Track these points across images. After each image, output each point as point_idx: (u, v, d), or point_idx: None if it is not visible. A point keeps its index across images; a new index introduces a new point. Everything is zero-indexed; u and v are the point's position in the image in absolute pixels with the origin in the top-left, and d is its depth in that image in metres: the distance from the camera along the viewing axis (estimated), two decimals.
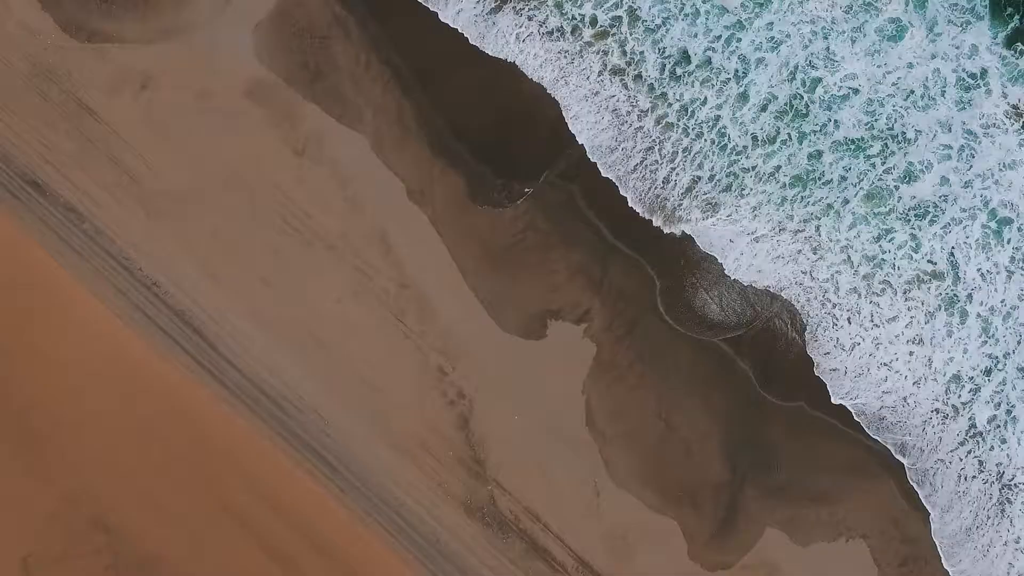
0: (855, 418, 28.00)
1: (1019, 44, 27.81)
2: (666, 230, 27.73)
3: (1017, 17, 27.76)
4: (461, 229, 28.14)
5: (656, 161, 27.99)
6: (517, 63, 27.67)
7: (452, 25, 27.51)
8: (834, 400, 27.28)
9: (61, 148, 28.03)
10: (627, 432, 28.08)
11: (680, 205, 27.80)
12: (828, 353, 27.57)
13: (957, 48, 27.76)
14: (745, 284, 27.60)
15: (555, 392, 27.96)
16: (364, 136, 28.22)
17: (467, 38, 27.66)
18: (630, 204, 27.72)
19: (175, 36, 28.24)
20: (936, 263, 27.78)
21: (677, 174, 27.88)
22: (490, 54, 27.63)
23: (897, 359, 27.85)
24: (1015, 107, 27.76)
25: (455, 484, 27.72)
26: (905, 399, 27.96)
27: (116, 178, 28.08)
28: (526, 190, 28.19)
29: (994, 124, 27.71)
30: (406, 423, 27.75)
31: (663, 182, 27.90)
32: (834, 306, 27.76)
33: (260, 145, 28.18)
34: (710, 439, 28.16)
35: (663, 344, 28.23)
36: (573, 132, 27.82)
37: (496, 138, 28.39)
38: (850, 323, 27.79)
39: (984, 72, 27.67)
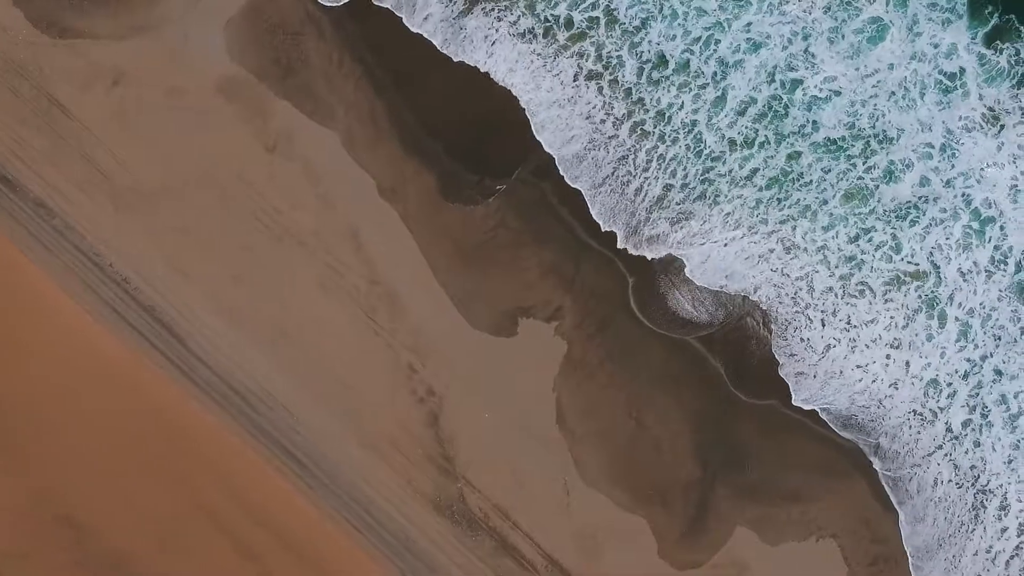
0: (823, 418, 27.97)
1: (998, 43, 27.67)
2: (633, 251, 27.53)
3: (996, 15, 27.63)
4: (433, 226, 28.10)
5: (629, 172, 27.79)
6: (486, 70, 27.40)
7: (418, 31, 27.31)
8: (795, 401, 27.17)
9: (32, 144, 27.99)
10: (597, 430, 28.03)
11: (648, 219, 27.61)
12: (795, 355, 27.47)
13: (936, 47, 27.64)
14: (714, 288, 27.46)
15: (525, 390, 27.93)
16: (336, 133, 28.17)
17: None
18: (596, 218, 27.47)
19: (147, 32, 28.18)
20: (917, 264, 27.68)
21: (649, 184, 27.72)
22: (457, 60, 27.45)
23: (874, 362, 27.73)
24: (991, 109, 27.66)
25: (424, 482, 27.69)
26: (880, 402, 27.87)
27: (87, 174, 28.03)
28: (498, 187, 28.15)
29: (975, 126, 27.58)
30: (376, 420, 27.72)
31: (634, 193, 27.72)
32: (807, 306, 27.68)
33: (231, 141, 28.13)
34: (681, 438, 28.11)
35: (634, 342, 28.19)
36: (540, 141, 27.48)
37: (469, 136, 28.35)
38: (824, 325, 27.69)
39: (962, 72, 27.53)
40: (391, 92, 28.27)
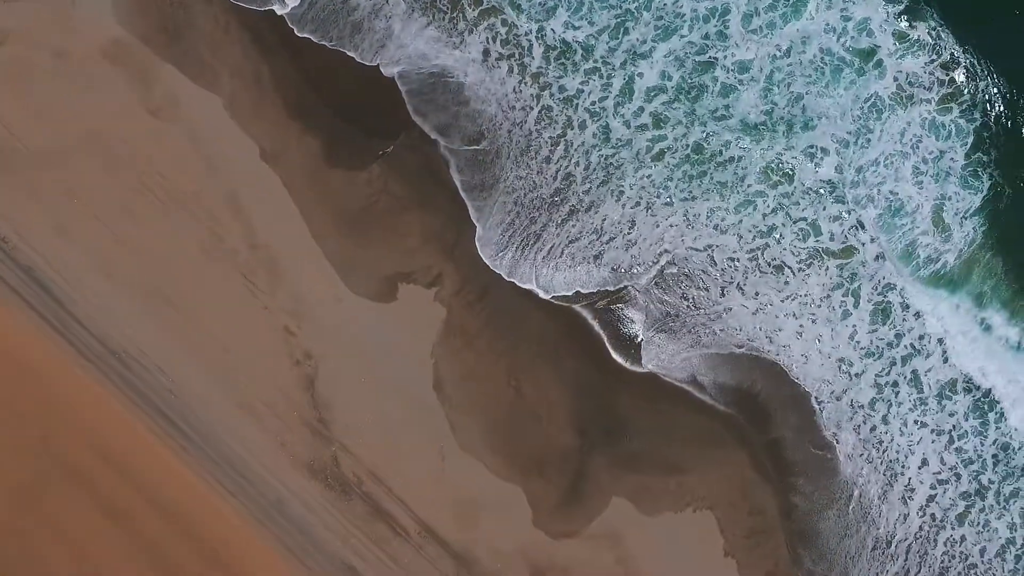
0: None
1: (907, 17, 28.00)
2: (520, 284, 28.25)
3: None
4: (314, 191, 28.12)
5: (529, 165, 28.00)
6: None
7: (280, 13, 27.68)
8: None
9: None
10: (475, 398, 27.95)
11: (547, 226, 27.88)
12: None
13: (849, 21, 27.98)
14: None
15: (403, 356, 27.85)
16: (220, 98, 28.24)
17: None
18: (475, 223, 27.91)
19: None
20: (833, 243, 27.77)
21: (550, 176, 27.91)
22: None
23: (781, 331, 27.78)
24: (901, 88, 28.01)
25: (299, 445, 27.52)
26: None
27: None
28: (380, 153, 28.18)
29: (886, 106, 27.91)
30: (252, 383, 27.58)
31: (532, 188, 27.92)
32: (709, 275, 27.76)
33: (116, 105, 28.14)
34: (560, 406, 28.04)
35: (515, 310, 28.18)
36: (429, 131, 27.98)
37: (355, 101, 28.45)
38: (724, 294, 27.78)
39: (876, 49, 27.85)
40: (278, 57, 28.35)
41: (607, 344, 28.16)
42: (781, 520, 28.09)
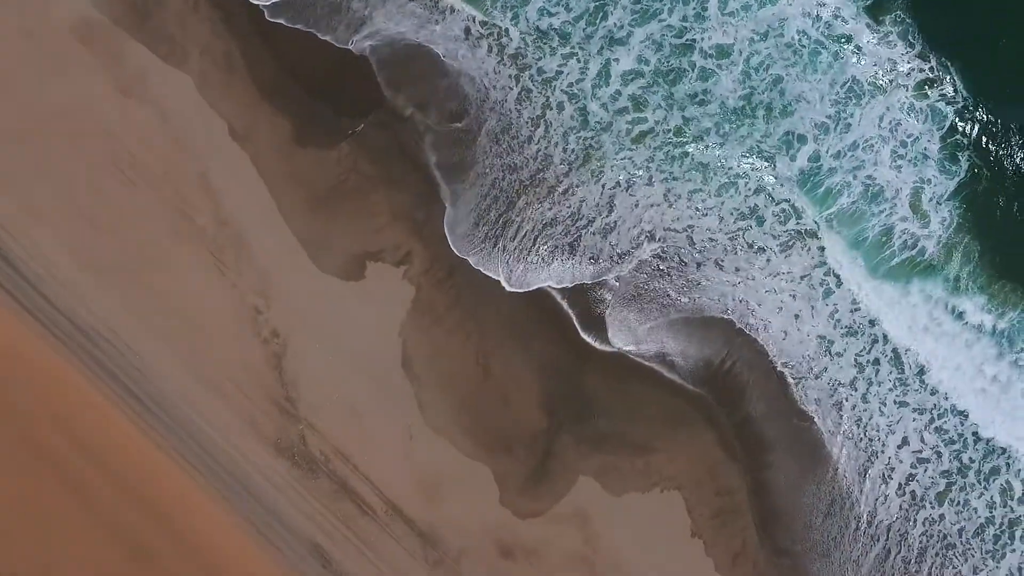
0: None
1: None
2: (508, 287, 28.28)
3: None
4: (283, 169, 28.14)
5: (508, 145, 28.06)
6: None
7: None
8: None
9: None
10: (444, 376, 27.94)
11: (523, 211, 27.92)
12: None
13: (824, 6, 28.17)
14: None
15: (372, 334, 27.85)
16: (190, 76, 28.25)
17: None
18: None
19: None
20: (815, 226, 28.00)
21: (529, 158, 27.96)
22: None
23: (761, 305, 27.85)
24: (877, 76, 28.14)
25: (266, 423, 27.50)
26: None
27: None
28: (350, 132, 28.19)
29: (864, 92, 28.03)
30: (219, 361, 27.56)
31: (510, 170, 27.95)
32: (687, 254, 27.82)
33: (86, 84, 28.13)
34: (528, 385, 28.05)
35: (484, 288, 28.19)
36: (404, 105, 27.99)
37: (326, 80, 28.47)
38: (699, 268, 27.82)
39: (851, 37, 27.97)
40: (248, 35, 28.38)
41: (576, 323, 28.16)
42: (749, 500, 28.06)
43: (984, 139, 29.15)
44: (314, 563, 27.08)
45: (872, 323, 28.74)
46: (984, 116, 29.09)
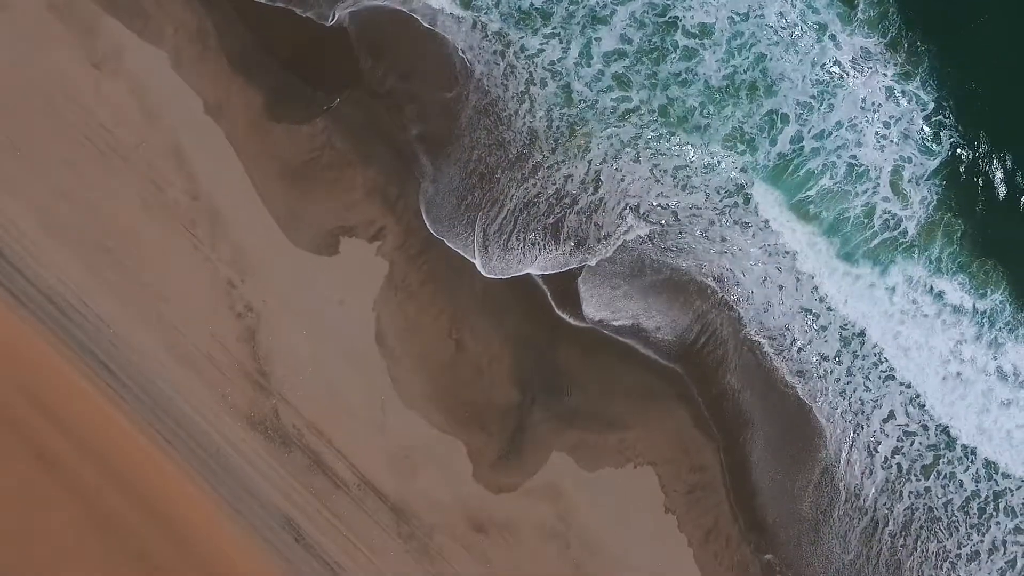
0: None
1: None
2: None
3: None
4: (257, 144, 28.10)
5: (495, 119, 28.01)
6: None
7: None
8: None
9: None
10: (417, 351, 27.92)
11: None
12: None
13: None
14: None
15: (345, 309, 27.86)
16: (164, 51, 28.20)
17: None
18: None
19: None
20: (801, 208, 28.27)
21: (515, 133, 27.93)
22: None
23: (745, 275, 28.08)
24: (853, 60, 28.19)
25: (239, 397, 27.46)
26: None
27: None
28: (325, 107, 28.17)
29: (845, 72, 28.05)
30: (192, 335, 27.52)
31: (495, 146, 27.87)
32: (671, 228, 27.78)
33: (60, 58, 28.08)
34: (501, 360, 28.03)
35: (458, 263, 28.17)
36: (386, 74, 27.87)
37: (300, 55, 28.43)
38: (680, 234, 27.81)
39: (827, 25, 28.05)
40: (222, 10, 28.34)
41: (550, 298, 28.15)
42: (723, 476, 28.07)
43: (963, 122, 29.17)
44: (286, 536, 27.07)
45: (845, 302, 28.73)
46: (963, 99, 29.11)
